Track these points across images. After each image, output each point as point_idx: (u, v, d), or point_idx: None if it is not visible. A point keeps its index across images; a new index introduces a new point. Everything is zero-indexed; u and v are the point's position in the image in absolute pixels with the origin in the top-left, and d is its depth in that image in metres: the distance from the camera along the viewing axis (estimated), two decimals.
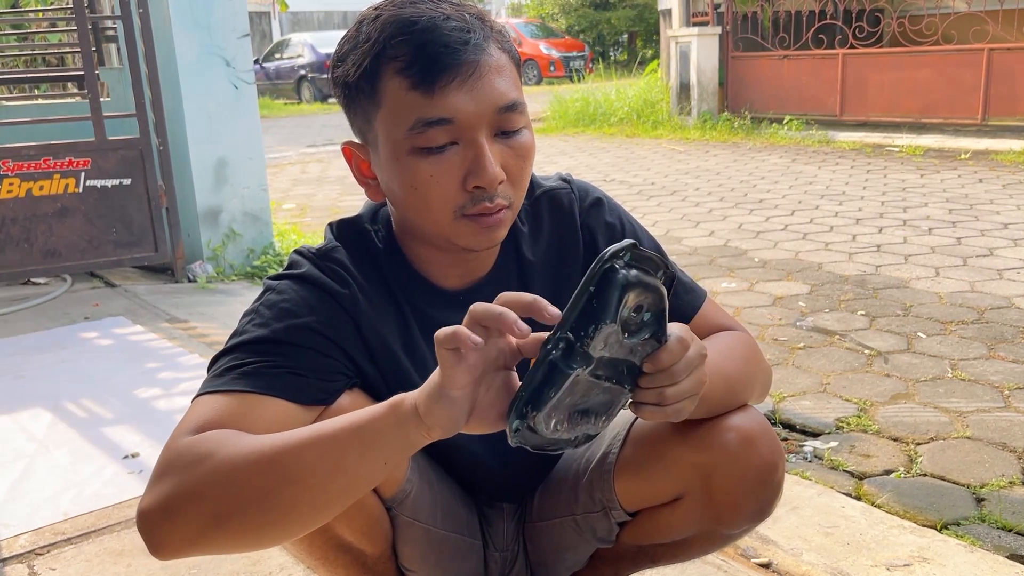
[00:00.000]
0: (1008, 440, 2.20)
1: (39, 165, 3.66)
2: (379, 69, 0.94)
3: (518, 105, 0.97)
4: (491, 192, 0.96)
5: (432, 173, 0.95)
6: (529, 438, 0.79)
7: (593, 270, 0.76)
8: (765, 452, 1.04)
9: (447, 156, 0.95)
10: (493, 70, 0.95)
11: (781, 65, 9.15)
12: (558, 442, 0.82)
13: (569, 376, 0.76)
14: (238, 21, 4.01)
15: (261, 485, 0.81)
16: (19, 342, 3.17)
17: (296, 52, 18.92)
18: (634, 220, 1.21)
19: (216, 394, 0.92)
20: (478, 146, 0.94)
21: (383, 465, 0.83)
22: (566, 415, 0.80)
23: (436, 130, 0.93)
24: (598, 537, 1.22)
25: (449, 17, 0.94)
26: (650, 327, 0.81)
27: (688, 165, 7.42)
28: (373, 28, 0.95)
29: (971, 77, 7.71)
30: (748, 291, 3.67)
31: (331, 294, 1.02)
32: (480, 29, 0.96)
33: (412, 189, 0.97)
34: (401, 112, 0.94)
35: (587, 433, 0.83)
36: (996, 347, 2.86)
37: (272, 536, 0.86)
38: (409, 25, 0.93)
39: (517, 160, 0.98)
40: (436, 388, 0.78)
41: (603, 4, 24.05)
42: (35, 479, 2.09)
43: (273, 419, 0.92)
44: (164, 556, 0.84)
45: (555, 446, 0.82)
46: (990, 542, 1.76)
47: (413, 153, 0.95)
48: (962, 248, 4.18)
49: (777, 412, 2.43)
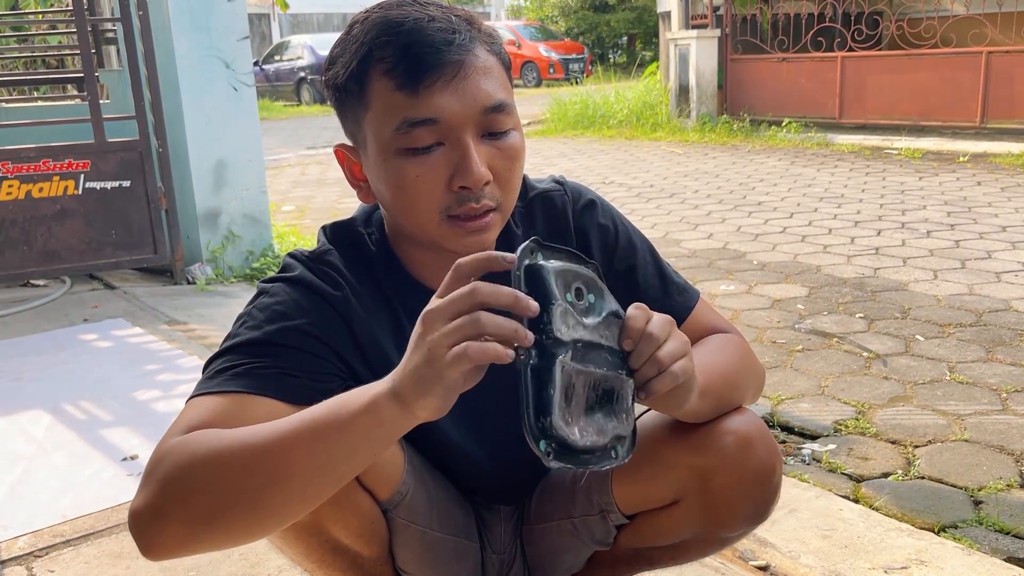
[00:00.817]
0: (1006, 443, 2.20)
1: (38, 167, 3.66)
2: (366, 71, 0.95)
3: (505, 106, 0.97)
4: (476, 192, 0.96)
5: (418, 173, 0.95)
6: (564, 454, 0.78)
7: (515, 275, 0.78)
8: (763, 455, 1.04)
9: (433, 157, 0.95)
10: (479, 71, 0.95)
11: (780, 68, 9.16)
12: (595, 450, 0.80)
13: (554, 366, 0.76)
14: (238, 23, 4.02)
15: (249, 486, 0.82)
16: (18, 344, 3.17)
17: (296, 54, 18.94)
18: (627, 222, 1.21)
19: (209, 395, 0.93)
20: (463, 146, 0.95)
21: (371, 454, 0.84)
22: (582, 416, 0.79)
23: (421, 130, 0.94)
24: (596, 540, 1.23)
25: (434, 19, 0.95)
26: (600, 307, 0.83)
27: (687, 167, 7.43)
28: (362, 31, 0.96)
29: (970, 80, 7.72)
30: (747, 293, 3.67)
31: (324, 297, 1.02)
32: (466, 30, 0.96)
33: (399, 190, 0.97)
34: (387, 113, 0.95)
35: (617, 433, 0.83)
36: (994, 350, 2.86)
37: (261, 532, 0.87)
38: (395, 27, 0.94)
39: (505, 161, 0.99)
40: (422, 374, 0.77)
41: (602, 6, 24.08)
42: (34, 481, 2.10)
43: (265, 419, 0.92)
44: (155, 557, 0.85)
45: (596, 458, 0.81)
46: (988, 545, 1.76)
47: (399, 154, 0.96)
48: (960, 251, 4.19)
49: (775, 414, 2.43)
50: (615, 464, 0.82)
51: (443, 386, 0.77)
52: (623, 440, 0.84)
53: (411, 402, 0.79)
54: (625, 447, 0.84)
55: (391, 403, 0.80)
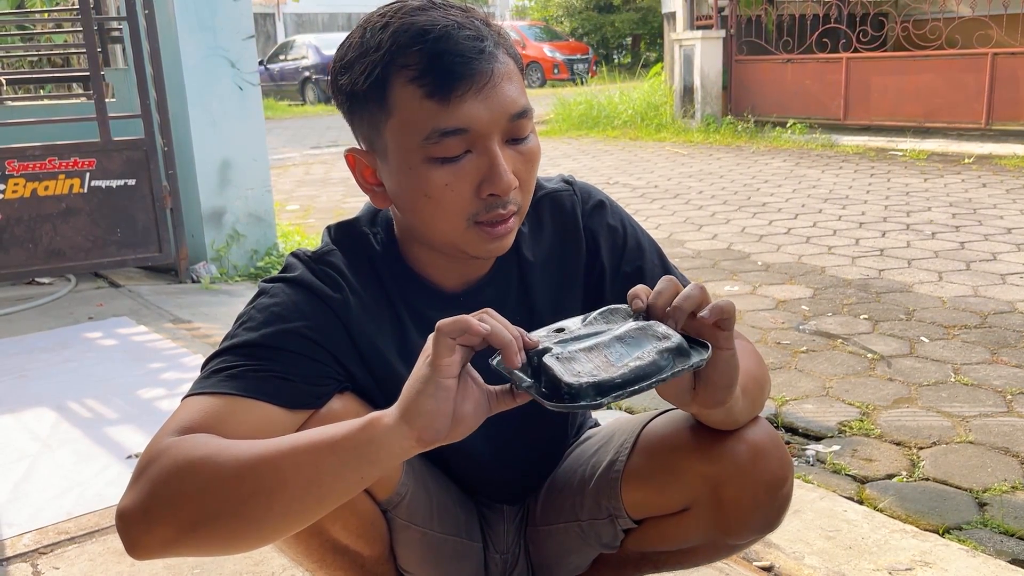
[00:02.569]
0: (1011, 445, 2.20)
1: (44, 165, 3.67)
2: (390, 78, 0.93)
3: (528, 112, 0.97)
4: (505, 199, 0.96)
5: (448, 182, 0.95)
6: (608, 389, 0.75)
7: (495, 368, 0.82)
8: (775, 465, 1.03)
9: (461, 165, 0.95)
10: (504, 77, 0.95)
11: (785, 69, 9.15)
12: (639, 372, 0.76)
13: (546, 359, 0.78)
14: (243, 22, 4.02)
15: (236, 496, 0.81)
16: (23, 342, 3.18)
17: (300, 54, 18.96)
18: (636, 223, 1.21)
19: (203, 396, 0.93)
20: (492, 154, 0.94)
21: (359, 480, 0.83)
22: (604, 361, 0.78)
23: (452, 140, 0.93)
24: (602, 543, 1.22)
25: (462, 25, 0.93)
26: (588, 320, 0.86)
27: (691, 168, 7.42)
28: (384, 36, 0.94)
29: (975, 81, 7.70)
30: (751, 295, 3.67)
31: (323, 299, 1.02)
32: (491, 36, 0.95)
33: (425, 198, 0.96)
34: (415, 122, 0.93)
35: (659, 348, 0.78)
36: (999, 352, 2.85)
37: (245, 543, 0.86)
38: (423, 34, 0.92)
39: (526, 165, 0.99)
40: (422, 382, 0.79)
41: (607, 7, 24.07)
42: (39, 479, 2.10)
43: (258, 422, 0.92)
44: (140, 556, 0.85)
45: (654, 369, 0.76)
46: (992, 547, 1.75)
47: (428, 162, 0.94)
48: (965, 252, 4.18)
49: (779, 416, 2.43)
50: (679, 369, 0.77)
51: (437, 384, 0.78)
52: (668, 352, 0.78)
53: (411, 419, 0.79)
54: (672, 355, 0.78)
55: (388, 419, 0.80)
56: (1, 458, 2.22)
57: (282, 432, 0.95)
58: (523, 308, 1.13)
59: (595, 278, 1.16)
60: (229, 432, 0.89)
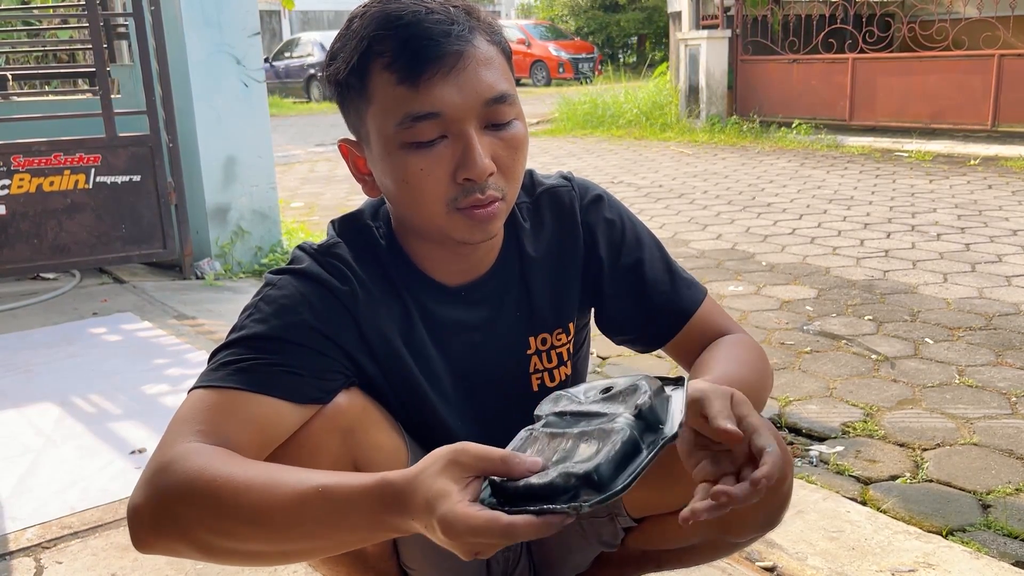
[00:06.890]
0: (1015, 447, 2.19)
1: (49, 161, 3.67)
2: (367, 65, 0.95)
3: (507, 97, 0.97)
4: (481, 184, 0.96)
5: (422, 167, 0.95)
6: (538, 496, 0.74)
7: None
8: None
9: (436, 150, 0.95)
10: (479, 61, 0.95)
11: (791, 69, 9.13)
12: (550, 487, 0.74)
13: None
14: (249, 20, 4.02)
15: (245, 534, 0.83)
16: (27, 337, 3.18)
17: (306, 51, 18.97)
18: (635, 217, 1.21)
19: (211, 389, 0.94)
20: (467, 138, 0.94)
21: (358, 540, 0.83)
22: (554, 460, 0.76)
23: (424, 124, 0.93)
24: (603, 541, 1.23)
25: (432, 11, 0.94)
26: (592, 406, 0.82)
27: (696, 168, 7.41)
28: (360, 25, 0.96)
29: (981, 83, 7.68)
30: (755, 295, 3.66)
31: (331, 290, 1.02)
32: (465, 21, 0.96)
33: (404, 183, 0.97)
34: (390, 107, 0.94)
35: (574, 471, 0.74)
36: (1004, 354, 2.85)
37: (250, 565, 0.88)
38: (393, 20, 0.93)
39: (508, 152, 0.98)
40: (444, 535, 0.74)
41: (612, 6, 24.05)
42: (42, 473, 2.10)
43: (266, 417, 0.93)
44: (145, 552, 0.88)
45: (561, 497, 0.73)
46: (996, 549, 1.75)
47: (403, 148, 0.95)
48: (970, 254, 4.17)
49: (783, 416, 2.43)
50: (570, 509, 0.72)
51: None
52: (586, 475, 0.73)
53: (421, 524, 0.76)
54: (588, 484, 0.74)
55: (393, 498, 0.77)
56: (5, 453, 2.22)
57: (289, 426, 0.95)
58: (523, 303, 1.14)
59: (593, 271, 1.17)
60: (238, 427, 0.90)
